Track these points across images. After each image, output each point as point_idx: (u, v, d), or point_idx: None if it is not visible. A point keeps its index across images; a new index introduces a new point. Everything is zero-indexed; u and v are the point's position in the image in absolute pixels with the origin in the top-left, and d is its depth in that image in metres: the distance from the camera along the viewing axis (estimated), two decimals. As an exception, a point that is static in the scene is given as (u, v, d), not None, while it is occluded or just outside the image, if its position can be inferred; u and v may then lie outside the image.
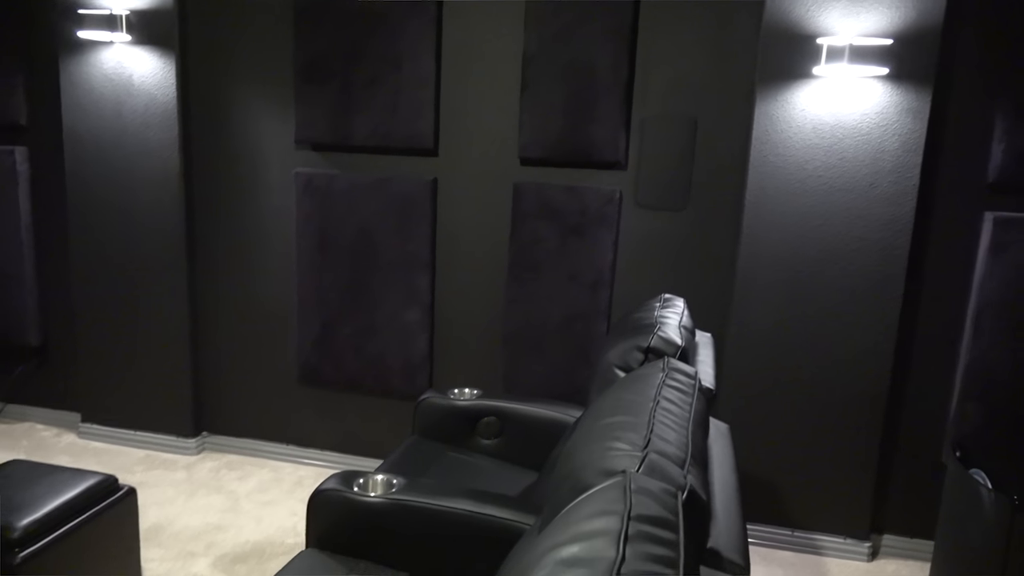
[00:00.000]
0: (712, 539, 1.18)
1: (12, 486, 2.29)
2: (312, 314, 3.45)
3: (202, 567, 2.75)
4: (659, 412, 1.40)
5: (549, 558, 0.93)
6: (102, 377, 3.68)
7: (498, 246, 3.26)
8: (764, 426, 3.00)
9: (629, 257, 3.15)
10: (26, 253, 3.68)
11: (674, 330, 2.01)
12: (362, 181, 3.29)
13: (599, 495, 1.04)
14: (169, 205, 3.44)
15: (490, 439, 2.74)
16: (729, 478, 1.49)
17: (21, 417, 3.97)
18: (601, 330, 3.17)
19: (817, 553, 3.07)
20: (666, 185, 3.06)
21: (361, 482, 2.02)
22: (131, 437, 3.70)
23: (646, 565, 0.89)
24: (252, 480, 3.45)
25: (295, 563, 1.92)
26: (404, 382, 3.40)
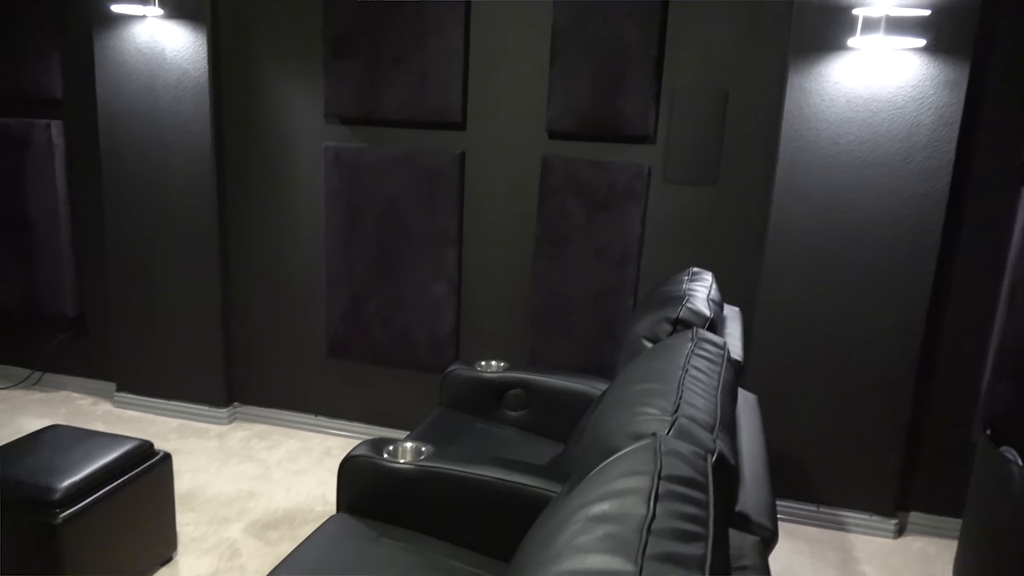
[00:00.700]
0: (740, 503, 1.19)
1: (52, 450, 2.36)
2: (341, 287, 3.49)
3: (235, 532, 2.81)
4: (688, 380, 1.40)
5: (580, 515, 0.95)
6: (136, 348, 3.76)
7: (525, 220, 3.26)
8: (791, 401, 2.99)
9: (657, 232, 3.14)
10: (63, 225, 3.75)
11: (702, 302, 2.01)
12: (390, 155, 3.30)
13: (629, 456, 1.05)
14: (201, 179, 3.48)
15: (516, 411, 2.76)
16: (757, 447, 1.50)
17: (59, 386, 4.07)
18: (628, 305, 3.17)
19: (842, 529, 3.07)
20: (695, 159, 3.03)
21: (391, 449, 2.05)
22: (165, 406, 3.78)
23: (676, 523, 0.91)
24: (282, 449, 3.52)
25: (326, 526, 1.96)
26: (431, 355, 3.44)
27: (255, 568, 2.59)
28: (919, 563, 2.88)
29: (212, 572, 2.56)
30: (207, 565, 2.60)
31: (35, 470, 2.23)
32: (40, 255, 3.80)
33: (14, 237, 3.83)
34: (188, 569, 2.57)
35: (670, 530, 0.89)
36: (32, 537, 2.12)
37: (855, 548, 2.96)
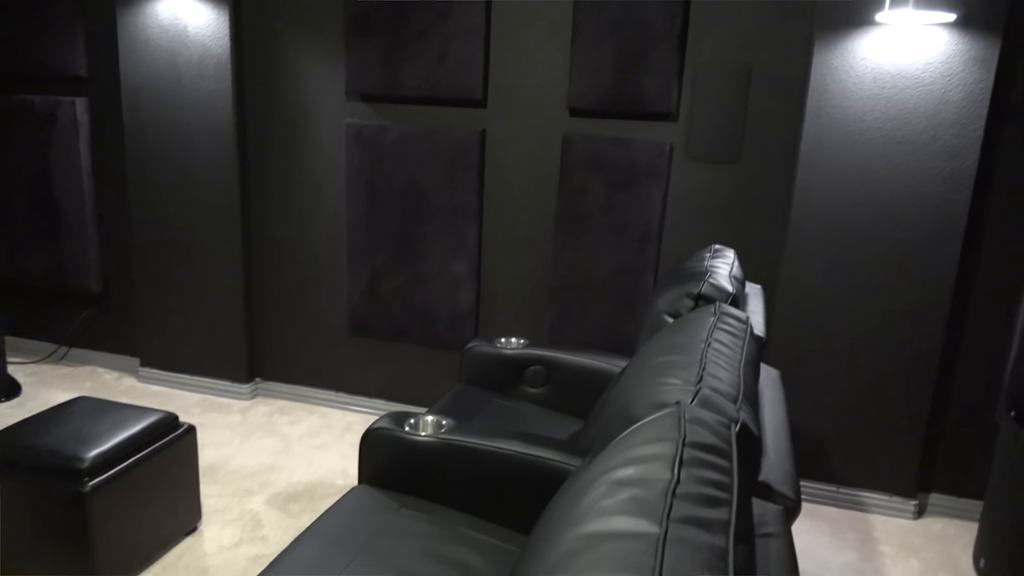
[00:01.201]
0: (763, 473, 1.19)
1: (80, 420, 2.40)
2: (361, 265, 3.50)
3: (257, 504, 2.85)
4: (711, 353, 1.40)
5: (604, 479, 0.95)
6: (160, 324, 3.81)
7: (546, 198, 3.25)
8: (812, 381, 2.98)
9: (678, 210, 3.12)
10: (87, 202, 3.79)
11: (725, 278, 2.00)
12: (411, 132, 3.30)
13: (653, 423, 1.06)
14: (223, 156, 3.50)
15: (536, 388, 2.77)
16: (780, 420, 1.49)
17: (84, 361, 4.14)
18: (648, 284, 3.16)
19: (862, 510, 3.06)
20: (718, 137, 3.01)
21: (412, 422, 2.07)
22: (188, 381, 3.83)
23: (701, 488, 0.91)
24: (303, 425, 3.56)
25: (349, 497, 1.99)
26: (450, 333, 3.45)
27: (277, 539, 2.63)
28: (939, 544, 2.87)
29: (236, 542, 2.61)
30: (231, 535, 2.64)
31: (63, 440, 2.27)
32: (65, 231, 3.85)
33: (40, 213, 3.88)
34: (212, 539, 2.62)
35: (694, 495, 0.90)
36: (61, 504, 2.16)
37: (874, 528, 2.96)
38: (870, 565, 2.72)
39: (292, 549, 1.75)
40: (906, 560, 2.76)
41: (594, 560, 0.77)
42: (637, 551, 0.77)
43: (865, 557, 2.77)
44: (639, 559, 0.76)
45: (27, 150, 3.82)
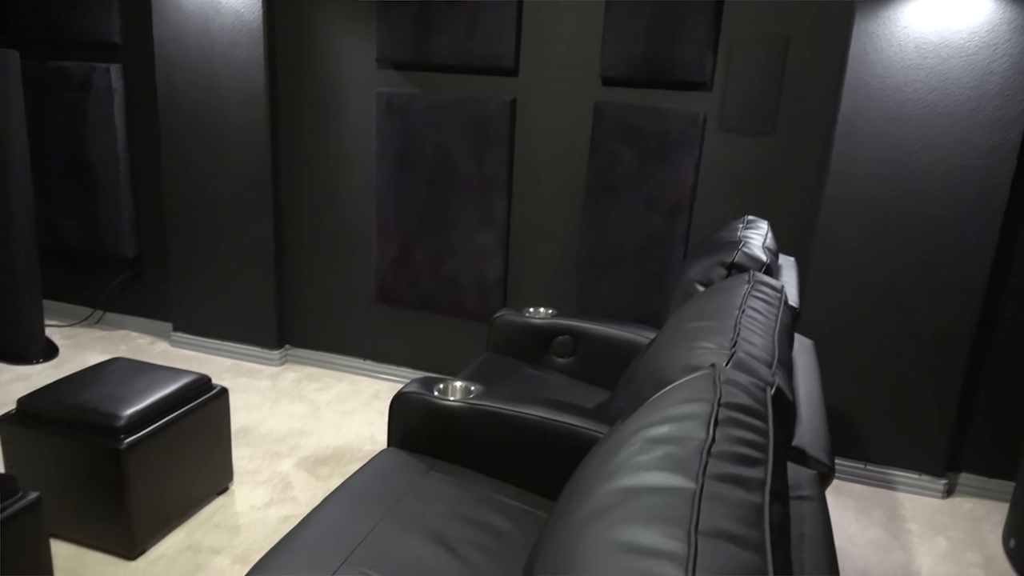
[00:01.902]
0: (797, 439, 1.18)
1: (116, 380, 2.45)
2: (390, 234, 3.51)
3: (287, 466, 2.90)
4: (745, 319, 1.39)
5: (638, 436, 0.95)
6: (192, 289, 3.86)
7: (576, 169, 3.23)
8: (843, 356, 2.95)
9: (710, 183, 3.08)
10: (121, 168, 3.84)
11: (758, 248, 1.97)
12: (441, 101, 3.29)
13: (688, 384, 1.05)
14: (255, 124, 3.52)
15: (563, 358, 2.77)
16: (814, 388, 1.48)
17: (118, 325, 4.21)
18: (678, 257, 3.14)
19: (890, 488, 3.04)
20: (753, 108, 2.96)
21: (441, 387, 2.08)
22: (219, 347, 3.89)
23: (736, 447, 0.91)
24: (332, 391, 3.60)
25: (378, 459, 2.01)
26: (478, 303, 3.46)
27: (306, 500, 2.68)
28: (968, 524, 2.84)
29: (266, 502, 2.66)
30: (261, 496, 2.69)
31: (101, 398, 2.32)
32: (101, 197, 3.90)
33: (76, 179, 3.94)
34: (243, 499, 2.67)
35: (729, 454, 0.89)
36: (99, 460, 2.22)
37: (902, 507, 2.93)
38: (897, 542, 2.71)
39: (324, 506, 1.78)
40: (933, 538, 2.74)
41: (630, 512, 0.77)
42: (673, 504, 0.77)
43: (892, 534, 2.75)
44: (675, 512, 0.76)
45: (63, 116, 3.87)
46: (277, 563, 1.58)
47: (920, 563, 2.60)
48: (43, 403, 2.31)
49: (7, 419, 2.33)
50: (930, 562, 2.60)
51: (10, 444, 2.33)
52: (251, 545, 2.42)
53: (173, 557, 2.33)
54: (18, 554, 1.88)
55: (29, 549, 1.91)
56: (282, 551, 1.62)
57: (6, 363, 3.65)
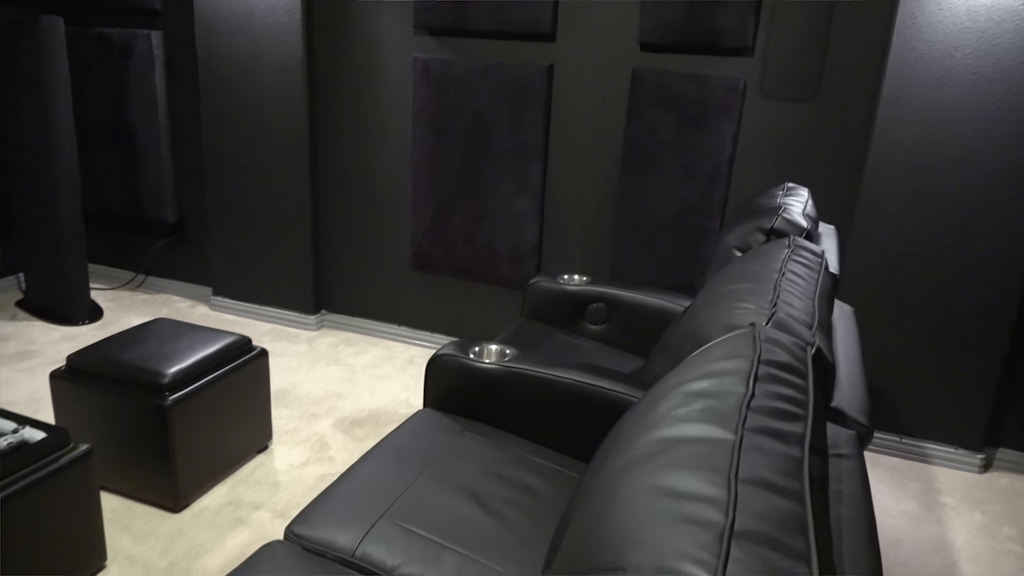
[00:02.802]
0: (836, 400, 1.18)
1: (160, 340, 2.52)
2: (426, 200, 3.53)
3: (324, 427, 2.96)
4: (784, 282, 1.38)
5: (678, 391, 0.96)
6: (231, 255, 3.93)
7: (612, 136, 3.21)
8: (882, 327, 2.91)
9: (749, 150, 3.04)
10: (163, 134, 3.90)
11: (799, 214, 1.95)
12: (478, 66, 3.27)
13: (727, 342, 1.06)
14: (292, 90, 3.54)
15: (597, 325, 2.78)
16: (853, 353, 1.47)
17: (159, 289, 4.31)
18: (714, 225, 3.11)
19: (925, 461, 3.01)
20: (795, 73, 2.90)
21: (476, 350, 2.10)
22: (258, 311, 3.96)
23: (775, 403, 0.91)
24: (367, 356, 3.65)
25: (414, 419, 2.05)
26: (512, 270, 3.47)
27: (343, 460, 2.74)
28: (1005, 499, 2.81)
29: (304, 461, 2.72)
30: (299, 455, 2.76)
31: (146, 356, 2.39)
32: (143, 162, 3.97)
33: (119, 145, 4.01)
34: (282, 457, 2.74)
35: (769, 408, 0.90)
36: (144, 416, 2.29)
37: (937, 480, 2.91)
38: (931, 515, 2.69)
39: (362, 463, 1.82)
40: (969, 512, 2.72)
41: (669, 460, 0.78)
42: (713, 454, 0.78)
43: (926, 507, 2.73)
44: (715, 461, 0.77)
45: (105, 83, 3.93)
46: (317, 515, 1.63)
47: (954, 536, 2.58)
48: (91, 360, 2.38)
49: (58, 375, 2.41)
50: (964, 535, 2.58)
51: (60, 399, 2.41)
52: (290, 501, 2.48)
53: (215, 511, 2.41)
54: (71, 502, 1.95)
55: (80, 498, 1.98)
56: (322, 504, 1.67)
57: (53, 323, 3.77)
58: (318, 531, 1.58)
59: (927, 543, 2.53)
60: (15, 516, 1.80)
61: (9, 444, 1.89)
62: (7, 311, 3.88)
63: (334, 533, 1.57)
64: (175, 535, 2.28)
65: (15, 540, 1.82)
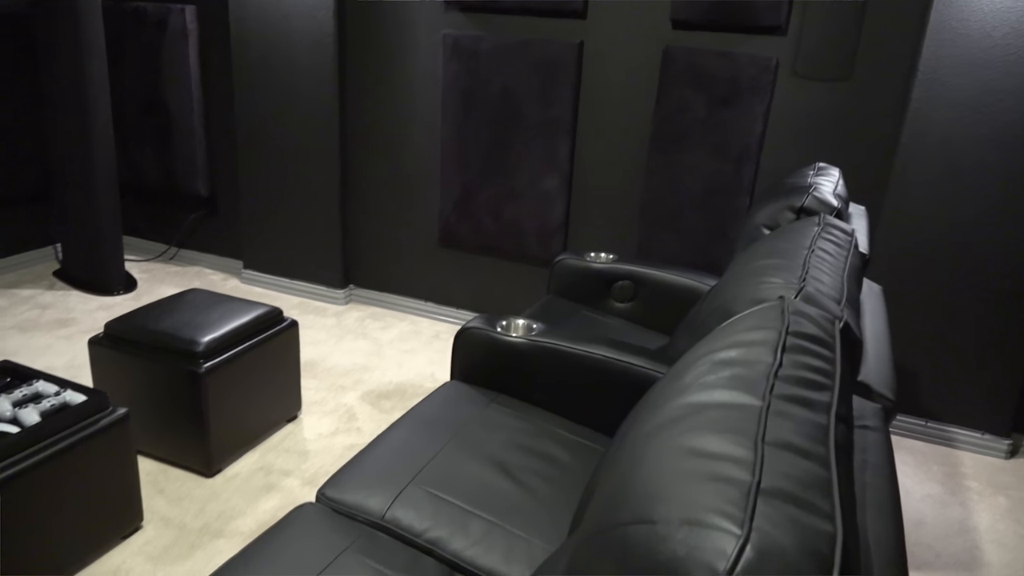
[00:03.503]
0: (862, 375, 1.19)
1: (194, 309, 2.58)
2: (454, 177, 3.55)
3: (351, 399, 3.02)
4: (814, 259, 1.38)
5: (706, 360, 0.98)
6: (262, 228, 3.99)
7: (642, 114, 3.20)
8: (910, 309, 2.89)
9: (779, 130, 3.02)
10: (196, 108, 3.95)
11: (829, 193, 1.94)
12: (507, 43, 3.27)
13: (756, 314, 1.07)
14: (323, 65, 3.57)
15: (623, 302, 2.79)
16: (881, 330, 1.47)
17: (192, 261, 4.39)
18: (742, 205, 3.10)
19: (950, 445, 3.00)
20: (829, 53, 2.87)
21: (504, 324, 2.13)
22: (287, 285, 4.03)
23: (803, 372, 0.92)
24: (394, 331, 3.70)
25: (442, 390, 2.09)
26: (539, 247, 3.49)
27: (370, 430, 2.79)
28: (1031, 484, 2.80)
29: (332, 431, 2.78)
30: (328, 425, 2.82)
31: (181, 325, 2.44)
32: (176, 136, 4.03)
33: (153, 119, 4.07)
34: (311, 426, 2.79)
35: (796, 377, 0.91)
36: (180, 382, 2.35)
37: (962, 464, 2.90)
38: (954, 498, 2.69)
39: (391, 431, 1.86)
40: (993, 496, 2.71)
41: (697, 423, 0.80)
42: (740, 418, 0.80)
43: (949, 491, 2.73)
44: (742, 424, 0.78)
45: (140, 56, 3.99)
46: (348, 480, 1.67)
47: (978, 519, 2.57)
48: (129, 327, 2.45)
49: (96, 341, 2.48)
50: (988, 519, 2.58)
51: (98, 364, 2.48)
52: (319, 469, 2.54)
53: (247, 476, 2.47)
54: (109, 463, 2.02)
55: (118, 459, 2.05)
56: (352, 469, 1.71)
57: (90, 293, 3.86)
58: (349, 495, 1.62)
59: (950, 526, 2.53)
60: (57, 474, 1.87)
61: (52, 406, 1.96)
62: (45, 280, 3.98)
63: (364, 497, 1.62)
64: (208, 498, 2.35)
65: (57, 497, 1.89)
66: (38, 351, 3.21)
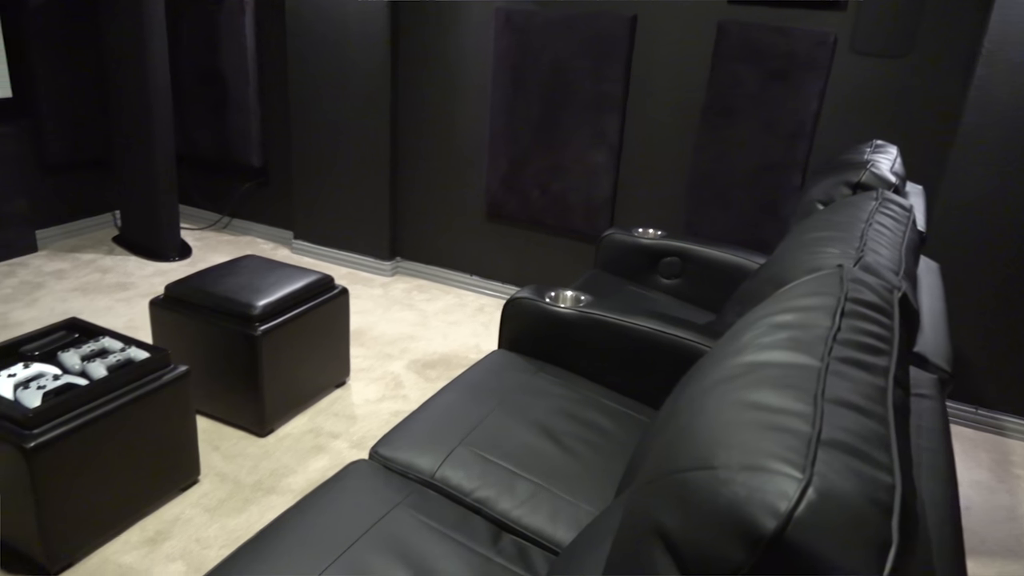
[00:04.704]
0: (919, 346, 1.19)
1: (250, 275, 2.65)
2: (502, 151, 3.57)
3: (398, 367, 3.08)
4: (871, 232, 1.38)
5: (762, 323, 0.99)
6: (312, 200, 4.06)
7: (693, 89, 3.17)
8: (964, 294, 2.84)
9: (835, 107, 2.97)
10: (250, 80, 4.02)
11: (887, 170, 1.92)
12: (560, 16, 3.26)
13: (813, 280, 1.07)
14: (376, 38, 3.60)
15: (670, 279, 2.79)
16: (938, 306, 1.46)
17: (244, 231, 4.49)
18: (795, 183, 3.06)
19: (1000, 433, 2.95)
20: (889, 28, 2.80)
21: (552, 295, 2.15)
22: (336, 255, 4.10)
23: (861, 337, 0.93)
24: (439, 303, 3.75)
25: (490, 357, 2.12)
26: (585, 222, 3.49)
27: (416, 397, 2.85)
28: (1085, 474, 2.74)
29: (379, 397, 2.84)
30: (375, 391, 2.88)
31: (238, 288, 2.52)
32: (232, 108, 4.11)
33: (209, 90, 4.16)
34: (359, 392, 2.86)
35: (854, 342, 0.92)
36: (235, 344, 2.43)
37: (1012, 453, 2.85)
38: (1002, 485, 2.64)
39: (440, 395, 1.90)
40: (1045, 485, 2.66)
41: (756, 380, 0.82)
42: (799, 376, 0.81)
43: (998, 478, 2.69)
44: (801, 382, 0.80)
45: (197, 28, 4.07)
46: (400, 439, 1.72)
47: (1028, 507, 2.54)
48: (188, 290, 2.53)
49: (157, 302, 2.57)
50: (1039, 507, 2.54)
51: (159, 324, 2.57)
52: (366, 433, 2.61)
53: (297, 437, 2.55)
54: (169, 417, 2.10)
55: (178, 414, 2.13)
56: (404, 430, 1.76)
57: (146, 259, 3.98)
58: (401, 453, 1.67)
59: (997, 512, 2.49)
60: (122, 425, 1.96)
61: (117, 361, 2.04)
62: (105, 246, 4.11)
63: (415, 456, 1.66)
64: (261, 456, 2.43)
65: (122, 447, 1.98)
66: (99, 312, 3.34)
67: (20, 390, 1.87)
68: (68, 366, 2.03)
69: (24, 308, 3.33)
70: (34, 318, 3.24)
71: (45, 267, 3.78)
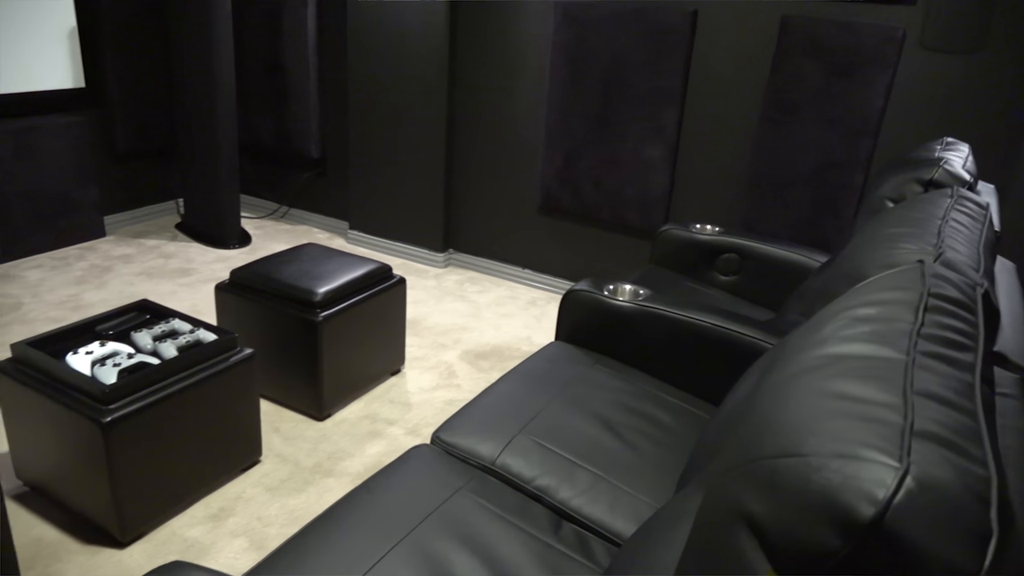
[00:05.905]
0: (999, 345, 1.16)
1: (311, 262, 2.70)
2: (557, 144, 3.57)
3: (451, 356, 3.11)
4: (948, 229, 1.35)
5: (843, 315, 0.98)
6: (368, 191, 4.12)
7: (754, 84, 3.13)
8: (1033, 300, 2.75)
9: (902, 104, 2.90)
10: (311, 73, 4.10)
11: (960, 168, 1.87)
12: (619, 10, 3.25)
13: (893, 275, 1.06)
14: (435, 31, 3.63)
15: (727, 276, 2.77)
16: (1017, 306, 1.43)
17: (301, 220, 4.58)
18: (857, 182, 3.00)
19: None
20: (960, 24, 2.73)
21: (611, 288, 2.16)
22: (390, 246, 4.16)
23: (945, 333, 0.92)
24: (491, 295, 3.78)
25: (548, 348, 2.14)
26: (640, 218, 3.48)
27: (468, 387, 2.88)
28: None
29: (433, 386, 2.88)
30: (429, 380, 2.92)
31: (299, 275, 2.58)
32: (292, 99, 4.20)
33: (271, 81, 4.25)
34: (413, 380, 2.90)
35: (939, 337, 0.91)
36: (297, 329, 2.48)
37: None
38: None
39: (499, 384, 1.92)
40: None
41: (841, 371, 0.81)
42: (886, 368, 0.80)
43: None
44: (888, 375, 0.79)
45: (261, 20, 4.16)
46: (461, 426, 1.75)
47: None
48: (251, 275, 2.60)
49: (222, 287, 2.64)
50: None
51: (224, 308, 2.65)
52: (420, 420, 2.64)
53: (354, 422, 2.60)
54: (235, 398, 2.17)
55: (243, 395, 2.19)
56: (465, 416, 1.79)
57: (208, 246, 4.09)
58: (461, 439, 1.69)
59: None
60: (189, 405, 2.03)
61: (187, 342, 2.11)
62: (168, 232, 4.24)
63: (476, 443, 1.69)
64: (319, 439, 2.48)
65: (189, 425, 2.04)
66: (163, 296, 3.44)
67: (97, 367, 1.95)
68: (141, 345, 2.10)
69: (95, 290, 3.45)
70: (104, 299, 3.36)
71: (113, 251, 3.91)
